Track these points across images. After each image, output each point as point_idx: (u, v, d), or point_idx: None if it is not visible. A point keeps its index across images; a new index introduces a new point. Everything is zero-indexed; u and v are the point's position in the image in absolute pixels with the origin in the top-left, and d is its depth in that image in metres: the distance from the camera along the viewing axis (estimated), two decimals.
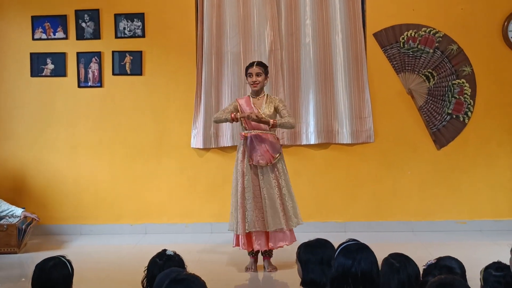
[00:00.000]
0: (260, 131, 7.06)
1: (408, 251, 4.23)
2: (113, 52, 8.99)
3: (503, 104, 8.83)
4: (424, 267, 4.21)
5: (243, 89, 8.68)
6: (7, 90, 9.09)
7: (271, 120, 6.97)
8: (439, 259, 4.24)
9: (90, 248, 8.45)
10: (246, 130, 7.11)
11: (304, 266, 4.28)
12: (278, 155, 7.08)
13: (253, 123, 7.02)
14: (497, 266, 4.24)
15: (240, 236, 7.07)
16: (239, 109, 7.16)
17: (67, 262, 4.32)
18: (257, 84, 7.13)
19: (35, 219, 8.38)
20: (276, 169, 7.10)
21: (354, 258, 3.75)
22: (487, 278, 4.19)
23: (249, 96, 7.28)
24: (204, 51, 8.88)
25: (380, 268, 3.95)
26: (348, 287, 3.72)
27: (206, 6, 8.85)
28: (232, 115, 7.03)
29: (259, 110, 7.07)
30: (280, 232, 7.07)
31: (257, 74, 7.13)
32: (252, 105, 7.13)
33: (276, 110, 7.13)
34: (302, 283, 4.26)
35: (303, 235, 5.94)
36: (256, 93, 7.20)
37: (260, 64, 7.26)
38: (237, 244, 7.15)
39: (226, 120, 7.16)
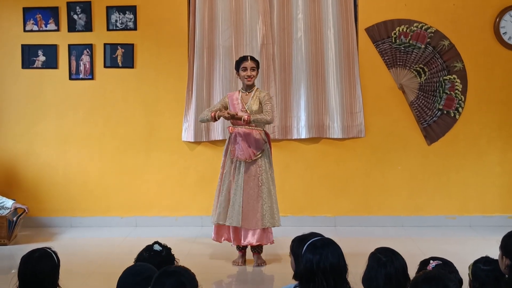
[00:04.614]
0: (246, 127, 7.07)
1: (397, 246, 4.25)
2: (104, 44, 8.97)
3: (494, 100, 8.85)
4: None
5: (235, 83, 8.67)
6: None
7: (245, 116, 6.96)
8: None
9: (80, 240, 8.44)
10: (233, 125, 7.13)
11: (297, 259, 4.29)
12: (260, 152, 7.06)
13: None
14: (485, 260, 4.26)
15: (214, 227, 7.24)
16: (227, 105, 7.20)
17: (53, 253, 4.31)
18: (251, 78, 7.14)
19: (25, 211, 8.35)
20: (257, 166, 7.07)
21: (321, 253, 3.87)
22: (476, 272, 4.21)
23: (239, 90, 7.28)
24: (196, 44, 8.87)
25: (367, 263, 4.01)
26: (318, 280, 3.80)
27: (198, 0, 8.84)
28: (212, 115, 7.08)
29: (245, 105, 7.08)
30: (250, 230, 7.06)
31: (252, 69, 7.14)
32: (239, 101, 7.13)
33: (261, 102, 7.14)
34: (294, 276, 4.28)
35: (293, 229, 5.95)
36: (248, 88, 7.20)
37: (254, 58, 7.27)
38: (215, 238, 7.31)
39: (208, 120, 7.22)
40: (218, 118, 7.15)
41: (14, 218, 8.14)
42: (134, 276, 3.73)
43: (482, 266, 4.22)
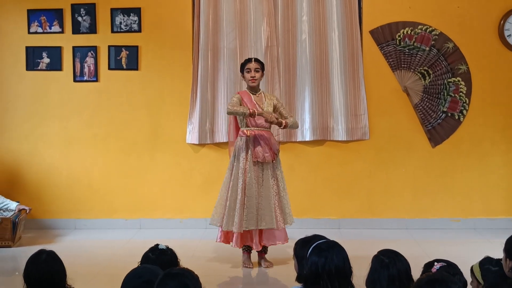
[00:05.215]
0: (262, 129, 7.08)
1: (402, 248, 4.25)
2: (109, 46, 8.97)
3: (498, 103, 8.84)
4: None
5: (239, 85, 8.68)
6: (2, 83, 9.07)
7: (284, 121, 7.05)
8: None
9: (84, 242, 8.44)
10: (248, 127, 7.10)
11: (300, 262, 4.30)
12: (278, 152, 7.13)
13: (258, 121, 7.02)
14: (492, 261, 4.27)
15: (235, 234, 7.04)
16: (242, 103, 7.13)
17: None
18: (255, 80, 7.14)
19: (24, 210, 8.34)
20: (275, 168, 7.14)
21: (326, 256, 3.87)
22: (487, 275, 4.20)
23: (246, 91, 7.26)
24: (201, 46, 8.87)
25: (370, 265, 4.01)
26: (323, 283, 3.80)
27: (202, 2, 8.84)
28: (251, 111, 6.94)
29: (262, 108, 7.08)
30: (276, 230, 7.09)
31: (256, 70, 7.14)
32: (254, 102, 7.12)
33: (275, 108, 7.16)
34: (297, 278, 4.29)
35: (297, 232, 5.96)
36: (253, 90, 7.20)
37: (258, 60, 7.27)
38: (224, 241, 7.20)
39: (243, 114, 6.99)
40: (256, 116, 6.99)
41: (17, 220, 8.15)
42: (138, 279, 3.73)
43: (492, 267, 4.23)
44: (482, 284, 4.22)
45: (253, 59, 7.23)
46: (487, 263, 4.28)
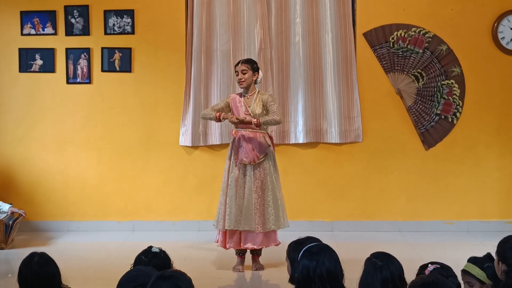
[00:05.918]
0: (249, 130, 7.05)
1: (395, 251, 4.23)
2: (102, 48, 8.96)
3: (492, 105, 8.85)
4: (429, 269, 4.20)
5: (232, 87, 8.68)
6: None
7: (254, 120, 6.95)
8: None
9: (77, 245, 8.42)
10: (236, 128, 7.10)
11: (293, 264, 4.29)
12: (263, 155, 7.03)
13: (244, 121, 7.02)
14: (483, 259, 4.28)
15: (219, 233, 7.10)
16: (230, 106, 7.15)
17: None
18: (243, 81, 7.11)
19: (21, 215, 8.34)
20: (262, 169, 7.05)
21: (317, 259, 3.86)
22: (492, 273, 4.22)
23: (241, 93, 7.26)
24: (194, 48, 8.87)
25: (363, 268, 4.00)
26: (315, 286, 3.80)
27: (196, 4, 8.83)
28: (217, 115, 7.05)
29: (248, 109, 7.06)
30: (251, 233, 7.00)
31: (243, 72, 7.10)
32: (242, 104, 7.11)
33: (265, 105, 7.11)
34: (290, 280, 4.28)
35: (290, 234, 5.94)
36: (246, 91, 7.18)
37: (246, 61, 7.19)
38: (221, 244, 7.17)
39: (211, 119, 7.16)
40: (223, 120, 7.14)
41: (10, 222, 8.12)
42: (133, 282, 3.71)
43: (491, 264, 4.24)
44: (487, 284, 4.21)
45: (240, 62, 7.19)
46: (482, 262, 4.28)
